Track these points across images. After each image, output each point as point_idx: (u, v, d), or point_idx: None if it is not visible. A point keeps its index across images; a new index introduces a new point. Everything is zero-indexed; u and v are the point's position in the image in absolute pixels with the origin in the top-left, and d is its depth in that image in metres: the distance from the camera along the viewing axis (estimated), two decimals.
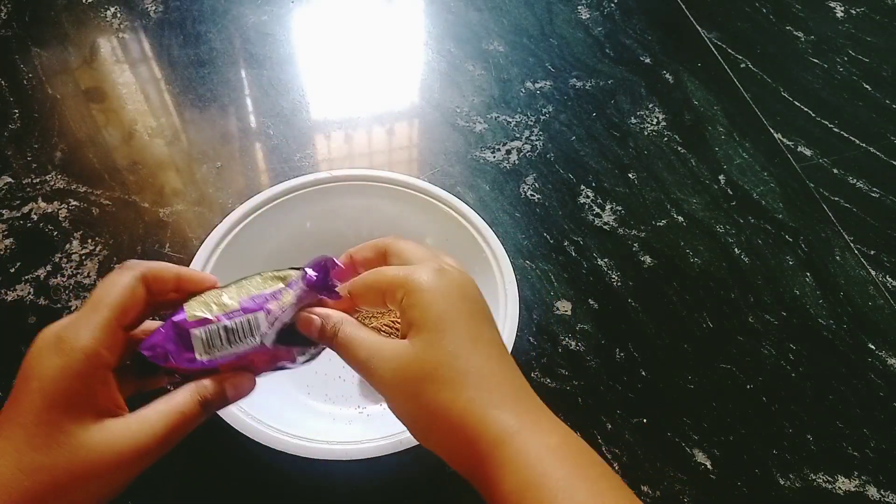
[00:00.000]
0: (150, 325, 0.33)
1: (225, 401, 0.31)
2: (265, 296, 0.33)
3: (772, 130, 0.77)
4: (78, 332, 0.28)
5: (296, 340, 0.33)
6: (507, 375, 0.30)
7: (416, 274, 0.31)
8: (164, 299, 0.32)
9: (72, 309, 0.58)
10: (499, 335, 0.32)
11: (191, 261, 0.51)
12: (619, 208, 0.69)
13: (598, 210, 0.69)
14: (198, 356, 0.31)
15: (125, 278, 0.30)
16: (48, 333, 0.29)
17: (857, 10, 0.91)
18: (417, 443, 0.31)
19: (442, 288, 0.30)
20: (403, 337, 0.31)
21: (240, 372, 0.32)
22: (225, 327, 0.32)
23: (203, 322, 0.32)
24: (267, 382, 0.53)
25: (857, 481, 0.54)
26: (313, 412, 0.52)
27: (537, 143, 0.73)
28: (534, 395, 0.31)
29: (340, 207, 0.58)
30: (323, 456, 0.44)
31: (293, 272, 0.33)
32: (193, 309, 0.32)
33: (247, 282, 0.33)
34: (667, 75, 0.82)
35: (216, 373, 0.32)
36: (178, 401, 0.30)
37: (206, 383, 0.31)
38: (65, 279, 0.59)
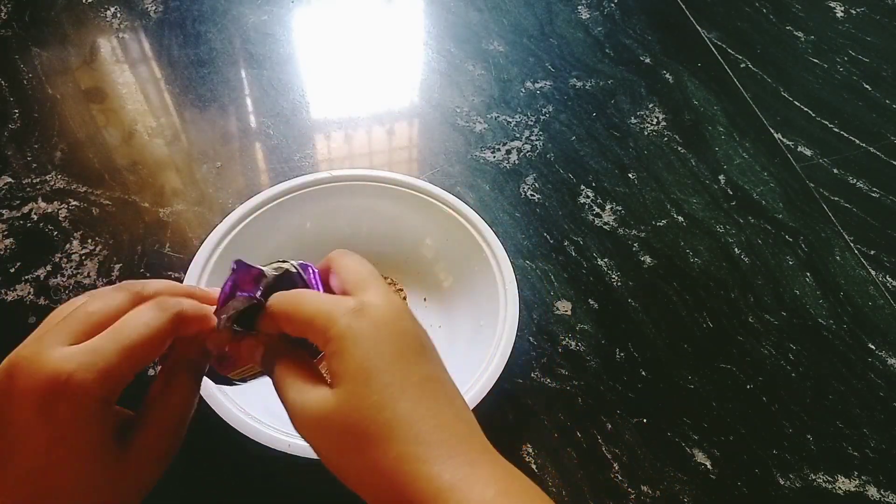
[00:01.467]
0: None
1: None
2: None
3: (772, 130, 0.77)
4: (85, 375, 0.25)
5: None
6: (440, 419, 0.27)
7: (332, 315, 0.27)
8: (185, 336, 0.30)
9: None
10: (435, 366, 0.29)
11: (191, 261, 0.51)
12: (619, 208, 0.69)
13: (598, 210, 0.69)
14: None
15: (155, 321, 0.27)
16: (56, 376, 0.25)
17: (857, 9, 0.91)
18: None
19: (364, 331, 0.27)
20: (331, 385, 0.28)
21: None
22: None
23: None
24: (266, 382, 0.53)
25: (857, 481, 0.54)
26: None
27: (537, 143, 0.73)
28: (472, 436, 0.28)
29: (340, 207, 0.58)
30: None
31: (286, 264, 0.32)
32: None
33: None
34: (667, 75, 0.82)
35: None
36: (171, 418, 0.30)
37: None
38: (65, 279, 0.59)
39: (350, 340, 0.27)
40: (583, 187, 0.70)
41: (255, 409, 0.45)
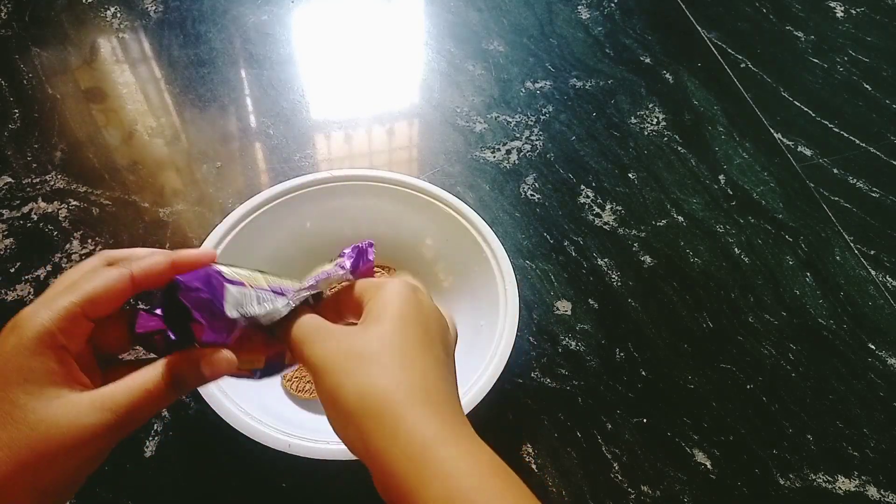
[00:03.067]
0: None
1: (200, 380, 0.30)
2: (288, 286, 0.33)
3: (772, 130, 0.77)
4: (36, 312, 0.28)
5: None
6: (447, 390, 0.30)
7: (389, 279, 0.32)
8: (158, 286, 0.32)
9: None
10: (448, 365, 0.32)
11: None
12: (619, 208, 0.69)
13: (598, 210, 0.69)
14: (227, 311, 0.30)
15: (111, 274, 0.30)
16: (14, 318, 0.28)
17: (857, 9, 0.91)
18: None
19: (408, 296, 0.32)
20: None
21: (216, 350, 0.31)
22: (257, 295, 0.32)
23: (238, 283, 0.31)
24: (266, 382, 0.53)
25: (856, 481, 0.54)
26: (312, 410, 0.52)
27: (537, 142, 0.73)
28: (465, 419, 0.30)
29: (340, 207, 0.58)
30: (323, 456, 0.44)
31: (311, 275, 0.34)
32: (224, 269, 0.32)
33: (261, 275, 0.33)
34: (667, 75, 0.82)
35: (215, 346, 0.31)
36: (147, 380, 0.29)
37: (181, 361, 0.30)
38: None
39: (397, 295, 0.31)
40: (583, 187, 0.70)
41: (255, 409, 0.45)
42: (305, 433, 0.45)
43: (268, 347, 0.34)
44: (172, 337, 0.30)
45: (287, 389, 0.52)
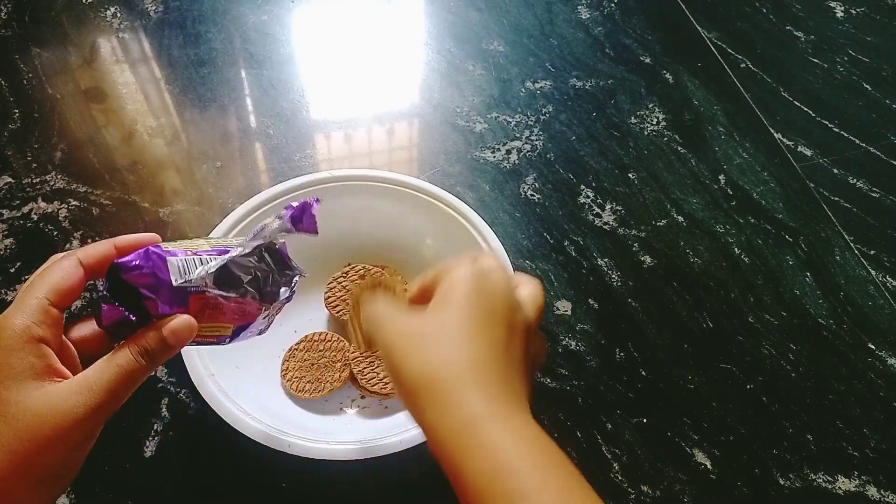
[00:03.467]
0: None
1: (167, 347, 0.32)
2: (232, 244, 0.35)
3: (772, 130, 0.77)
4: (10, 313, 0.30)
5: (262, 287, 0.35)
6: (496, 367, 0.31)
7: (459, 263, 0.34)
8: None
9: (71, 309, 0.57)
10: (515, 345, 0.33)
11: None
12: (619, 208, 0.69)
13: (598, 210, 0.69)
14: (173, 280, 0.32)
15: (64, 263, 0.32)
16: None
17: (857, 9, 0.91)
18: (417, 443, 0.31)
19: (474, 280, 0.33)
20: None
21: (175, 316, 0.32)
22: (200, 259, 0.33)
23: (179, 253, 0.33)
24: (266, 382, 0.53)
25: (856, 481, 0.54)
26: (312, 410, 0.52)
27: (537, 142, 0.73)
28: (517, 392, 0.32)
29: (341, 207, 0.58)
30: (322, 456, 0.44)
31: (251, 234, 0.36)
32: (164, 244, 0.33)
33: (205, 240, 0.35)
34: (667, 75, 0.82)
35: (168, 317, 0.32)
36: (118, 357, 0.31)
37: (144, 334, 0.31)
38: None
39: (463, 280, 0.33)
40: (583, 187, 0.70)
41: (255, 409, 0.45)
42: (306, 433, 0.45)
43: (239, 317, 0.35)
44: (132, 318, 0.31)
45: (287, 389, 0.52)
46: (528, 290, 0.36)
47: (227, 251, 0.34)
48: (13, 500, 0.28)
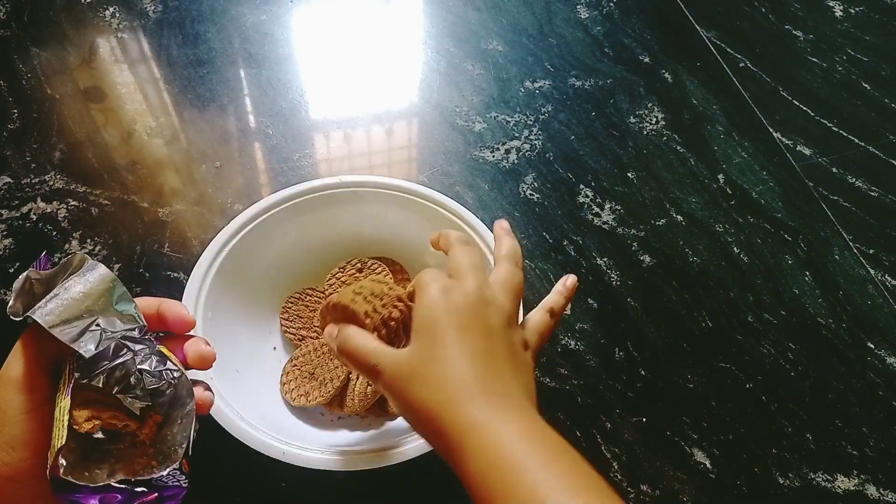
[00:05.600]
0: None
1: None
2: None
3: (771, 129, 0.78)
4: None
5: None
6: (487, 378, 0.34)
7: (428, 287, 0.36)
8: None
9: None
10: (495, 344, 0.36)
11: (189, 260, 0.51)
12: (619, 207, 0.69)
13: (597, 209, 0.69)
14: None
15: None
16: None
17: (856, 9, 0.91)
18: (415, 455, 0.36)
19: (441, 304, 0.36)
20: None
21: None
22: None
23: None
24: (267, 390, 0.53)
25: (856, 480, 0.54)
26: (311, 421, 0.52)
27: (536, 142, 0.73)
28: (515, 395, 0.34)
29: (345, 213, 0.57)
30: (316, 465, 0.44)
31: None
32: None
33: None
34: (666, 74, 0.82)
35: None
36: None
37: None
38: None
39: (429, 308, 0.36)
40: (582, 187, 0.70)
41: (253, 416, 0.45)
42: (305, 443, 0.45)
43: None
44: None
45: (283, 396, 0.52)
46: (501, 273, 0.39)
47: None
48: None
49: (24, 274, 0.29)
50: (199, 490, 0.50)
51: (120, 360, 0.29)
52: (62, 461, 0.26)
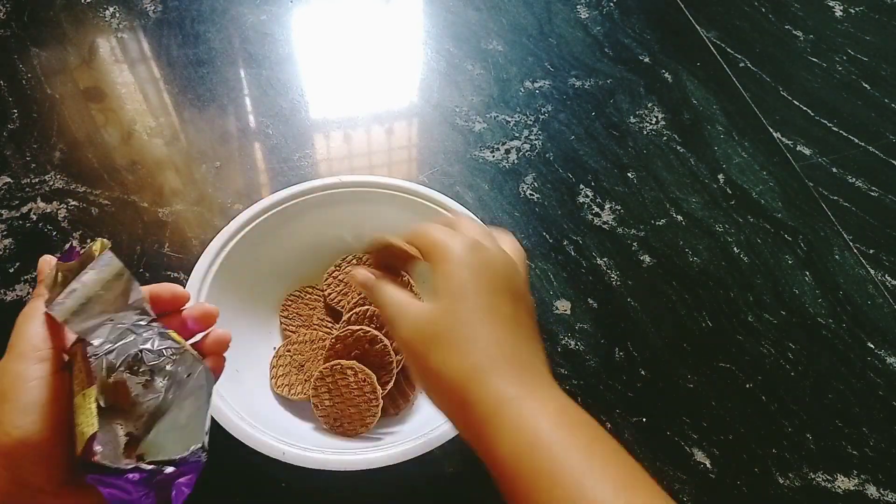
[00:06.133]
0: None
1: None
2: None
3: (771, 129, 0.78)
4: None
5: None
6: (516, 348, 0.31)
7: (451, 243, 0.33)
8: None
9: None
10: (521, 310, 0.33)
11: (189, 260, 0.51)
12: (619, 207, 0.69)
13: (597, 209, 0.69)
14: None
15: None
16: None
17: (856, 9, 0.91)
18: (415, 455, 0.33)
19: (469, 261, 0.33)
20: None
21: None
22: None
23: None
24: (267, 390, 0.53)
25: (856, 480, 0.54)
26: (311, 421, 0.52)
27: (536, 142, 0.73)
28: (541, 369, 0.32)
29: (345, 213, 0.57)
30: (316, 465, 0.44)
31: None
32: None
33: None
34: (666, 74, 0.82)
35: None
36: None
37: None
38: None
39: (457, 265, 0.32)
40: (582, 187, 0.70)
41: (253, 416, 0.45)
42: (305, 443, 0.45)
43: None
44: None
45: (274, 390, 0.52)
46: (508, 245, 0.36)
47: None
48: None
49: (54, 266, 0.31)
50: (199, 490, 0.50)
51: (125, 342, 0.31)
52: (98, 447, 0.28)
